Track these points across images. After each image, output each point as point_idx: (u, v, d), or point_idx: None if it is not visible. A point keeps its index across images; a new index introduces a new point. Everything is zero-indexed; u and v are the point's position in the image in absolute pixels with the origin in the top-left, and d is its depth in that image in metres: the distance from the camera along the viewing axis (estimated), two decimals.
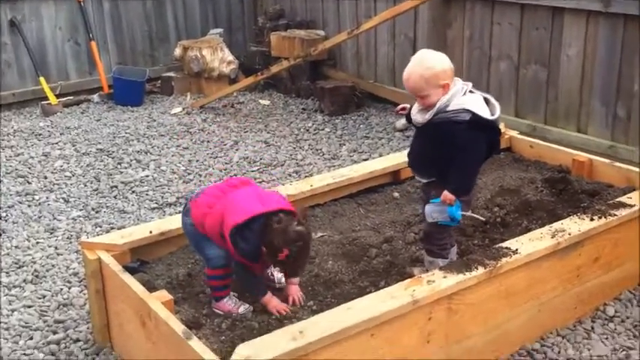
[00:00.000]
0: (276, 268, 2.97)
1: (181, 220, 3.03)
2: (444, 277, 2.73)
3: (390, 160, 4.09)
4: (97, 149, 5.90)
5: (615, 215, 3.21)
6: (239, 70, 7.76)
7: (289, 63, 6.67)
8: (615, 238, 3.26)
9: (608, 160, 4.00)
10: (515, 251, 2.90)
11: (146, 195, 4.96)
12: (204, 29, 8.29)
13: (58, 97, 7.22)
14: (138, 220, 4.52)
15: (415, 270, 3.08)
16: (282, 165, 5.48)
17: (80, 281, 3.76)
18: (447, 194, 2.85)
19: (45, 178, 5.32)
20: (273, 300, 2.89)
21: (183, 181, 5.20)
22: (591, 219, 3.17)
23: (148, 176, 5.29)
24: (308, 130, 6.32)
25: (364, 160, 5.28)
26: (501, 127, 4.48)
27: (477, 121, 2.81)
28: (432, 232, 3.03)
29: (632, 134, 4.77)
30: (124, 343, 3.07)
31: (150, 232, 3.25)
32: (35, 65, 7.17)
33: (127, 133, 6.33)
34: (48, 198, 4.93)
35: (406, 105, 3.09)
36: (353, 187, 3.93)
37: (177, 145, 5.99)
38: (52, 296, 3.65)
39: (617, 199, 3.41)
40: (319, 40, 7.08)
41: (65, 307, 3.54)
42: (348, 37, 6.25)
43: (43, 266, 3.95)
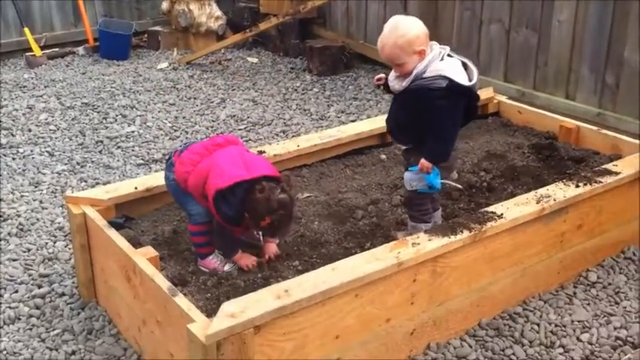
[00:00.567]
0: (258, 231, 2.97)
1: (164, 175, 3.02)
2: (429, 239, 2.75)
3: (378, 122, 4.07)
4: (82, 103, 5.83)
5: (600, 182, 3.22)
6: (227, 27, 7.66)
7: (278, 20, 6.59)
8: (600, 205, 3.28)
9: (595, 127, 4.01)
10: (501, 216, 2.92)
11: (132, 151, 4.93)
12: None
13: (42, 48, 7.11)
14: (123, 176, 4.49)
15: (399, 234, 3.09)
16: (270, 124, 5.45)
17: (65, 236, 3.75)
18: (424, 162, 2.85)
19: (29, 131, 5.26)
20: (243, 257, 2.94)
21: (169, 138, 5.17)
22: (576, 186, 3.19)
23: (133, 132, 5.25)
24: (296, 90, 6.27)
25: (352, 122, 5.27)
26: (490, 91, 4.50)
27: (454, 88, 2.78)
28: (412, 198, 3.04)
29: (620, 102, 4.78)
30: (109, 298, 3.08)
31: (135, 188, 3.23)
32: (20, 16, 7.03)
33: (112, 87, 6.25)
34: (32, 151, 4.89)
35: (382, 75, 3.07)
36: (340, 149, 3.92)
37: (164, 101, 5.93)
38: (37, 250, 3.64)
39: (603, 166, 3.43)
40: None
41: (50, 262, 3.54)
42: None
43: (27, 220, 3.93)
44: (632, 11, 4.58)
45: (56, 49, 7.26)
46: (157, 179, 3.27)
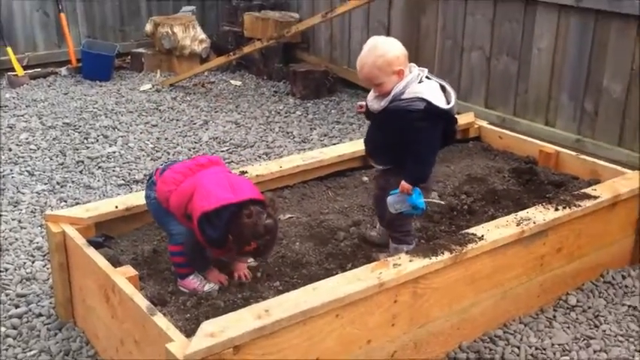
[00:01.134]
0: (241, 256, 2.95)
1: (145, 194, 3.00)
2: (410, 260, 2.75)
3: (360, 145, 4.04)
4: (64, 123, 5.81)
5: (579, 206, 3.25)
6: (210, 50, 7.69)
7: (262, 44, 6.63)
8: (579, 228, 3.31)
9: (574, 153, 4.06)
10: (481, 237, 2.93)
11: (113, 171, 4.90)
12: (176, 6, 8.19)
13: (25, 68, 7.08)
14: (104, 196, 4.46)
15: (381, 255, 3.10)
16: (252, 146, 5.45)
17: (44, 256, 3.70)
18: (404, 184, 2.87)
19: (9, 150, 5.22)
20: (213, 271, 2.95)
21: (151, 159, 5.15)
22: (556, 209, 3.21)
23: (115, 152, 5.22)
24: (279, 113, 6.29)
25: (334, 145, 5.27)
26: (471, 116, 4.55)
27: (432, 110, 2.81)
28: (394, 220, 3.06)
29: (599, 129, 4.84)
30: (87, 318, 3.04)
31: (115, 207, 3.21)
32: (2, 35, 7.01)
33: (94, 107, 6.23)
34: (12, 170, 4.84)
35: (363, 102, 3.10)
36: (322, 170, 3.93)
37: (146, 123, 5.92)
38: (15, 270, 3.59)
39: (582, 190, 3.46)
40: (293, 23, 7.04)
41: (28, 282, 3.49)
42: (322, 21, 6.23)
43: (5, 239, 3.88)
44: (611, 40, 4.67)
45: (39, 69, 7.23)
46: (138, 199, 3.26)
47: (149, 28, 7.56)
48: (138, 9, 8.00)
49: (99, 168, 4.95)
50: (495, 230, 3.00)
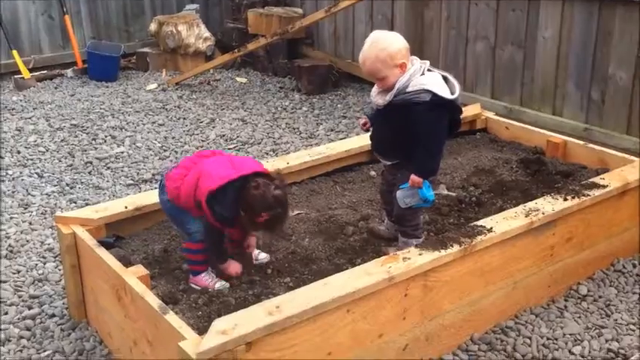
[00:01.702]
0: (253, 233, 2.98)
1: (159, 198, 3.02)
2: (419, 254, 2.75)
3: (367, 139, 4.08)
4: (71, 124, 5.83)
5: (588, 195, 3.25)
6: (215, 47, 7.69)
7: (266, 40, 6.63)
8: (588, 218, 3.30)
9: (582, 142, 4.05)
10: (490, 229, 2.93)
11: (121, 171, 4.92)
12: (180, 4, 8.21)
13: (31, 71, 7.11)
14: (113, 197, 4.48)
15: (390, 249, 3.10)
16: (259, 143, 5.46)
17: (55, 257, 3.73)
18: (414, 178, 2.87)
19: (18, 152, 5.25)
20: (231, 264, 2.96)
21: (159, 158, 5.17)
22: (565, 199, 3.21)
23: (123, 152, 5.24)
24: (285, 109, 6.30)
25: (341, 139, 5.28)
26: (477, 107, 4.54)
27: (438, 101, 2.81)
28: (404, 214, 3.05)
29: (606, 117, 4.83)
30: (99, 318, 3.06)
31: (125, 208, 3.23)
32: (8, 38, 7.04)
33: (101, 108, 6.26)
34: (22, 173, 4.87)
35: (364, 120, 3.13)
36: (330, 165, 3.93)
37: (153, 122, 5.94)
38: (27, 271, 3.61)
39: (590, 179, 3.46)
40: (297, 18, 7.04)
41: (40, 283, 3.51)
42: (325, 16, 6.22)
43: (17, 241, 3.91)
44: (616, 27, 4.65)
45: (45, 71, 7.27)
46: (147, 198, 3.27)
47: (153, 27, 7.58)
48: (142, 8, 8.02)
49: (107, 168, 4.97)
50: (504, 222, 3.00)
